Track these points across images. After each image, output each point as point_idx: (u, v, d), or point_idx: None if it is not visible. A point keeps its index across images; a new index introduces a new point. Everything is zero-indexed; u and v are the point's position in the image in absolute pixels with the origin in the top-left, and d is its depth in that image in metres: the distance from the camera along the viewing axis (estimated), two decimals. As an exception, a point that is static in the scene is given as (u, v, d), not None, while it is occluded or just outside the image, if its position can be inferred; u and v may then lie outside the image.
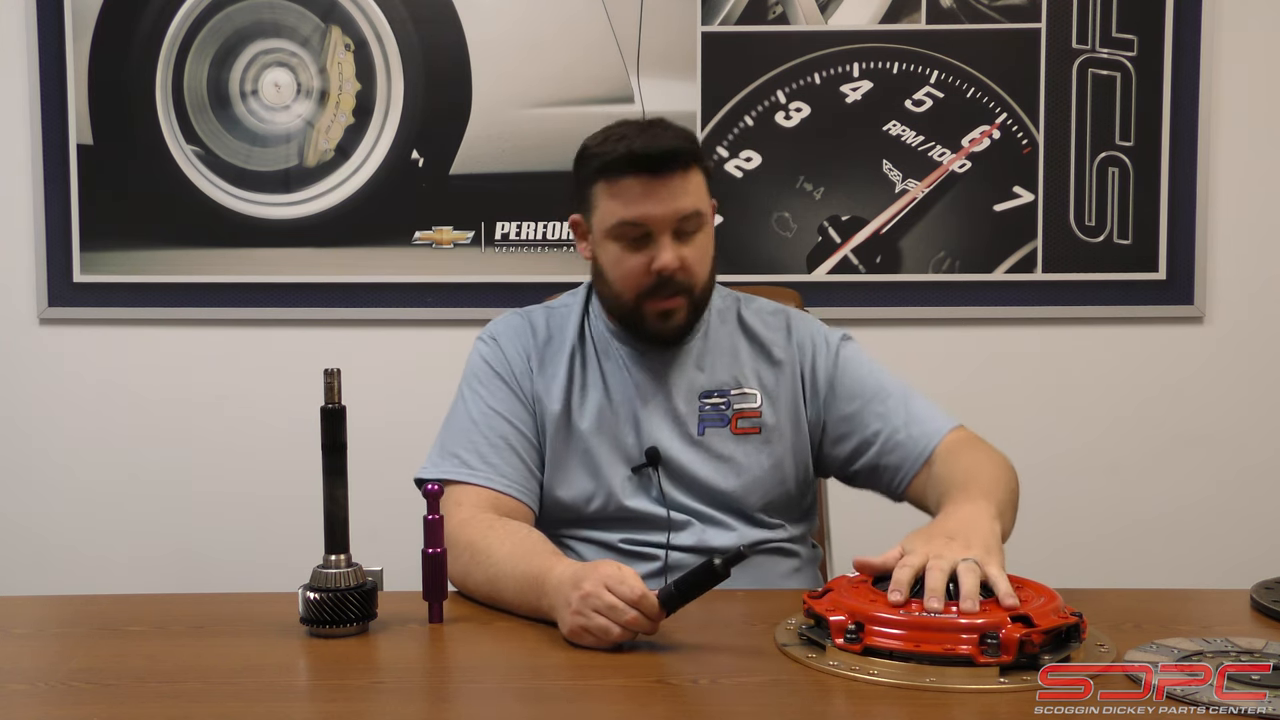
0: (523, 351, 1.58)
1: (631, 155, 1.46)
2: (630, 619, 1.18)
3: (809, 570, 1.63)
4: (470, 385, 1.57)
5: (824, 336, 1.62)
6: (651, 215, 1.47)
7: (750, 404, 1.57)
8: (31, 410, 2.51)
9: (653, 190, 1.46)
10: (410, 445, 2.18)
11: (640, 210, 1.47)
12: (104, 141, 2.45)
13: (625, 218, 1.48)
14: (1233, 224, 2.44)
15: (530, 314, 1.64)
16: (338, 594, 1.24)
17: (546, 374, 1.57)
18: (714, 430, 1.56)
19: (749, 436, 1.56)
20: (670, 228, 1.47)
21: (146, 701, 1.10)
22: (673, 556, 1.52)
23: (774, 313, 1.65)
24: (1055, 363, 2.48)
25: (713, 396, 1.57)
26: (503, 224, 2.44)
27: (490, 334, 1.61)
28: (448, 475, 1.49)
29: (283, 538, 2.33)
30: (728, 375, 1.58)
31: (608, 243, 1.51)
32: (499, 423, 1.53)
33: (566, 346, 1.58)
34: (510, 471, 1.50)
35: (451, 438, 1.54)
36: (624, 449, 1.55)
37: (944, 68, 2.41)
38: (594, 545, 1.54)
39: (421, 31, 2.42)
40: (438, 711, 1.13)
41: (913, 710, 1.05)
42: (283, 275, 2.46)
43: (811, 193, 2.43)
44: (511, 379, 1.56)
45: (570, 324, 1.61)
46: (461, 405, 1.56)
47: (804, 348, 1.60)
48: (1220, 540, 2.45)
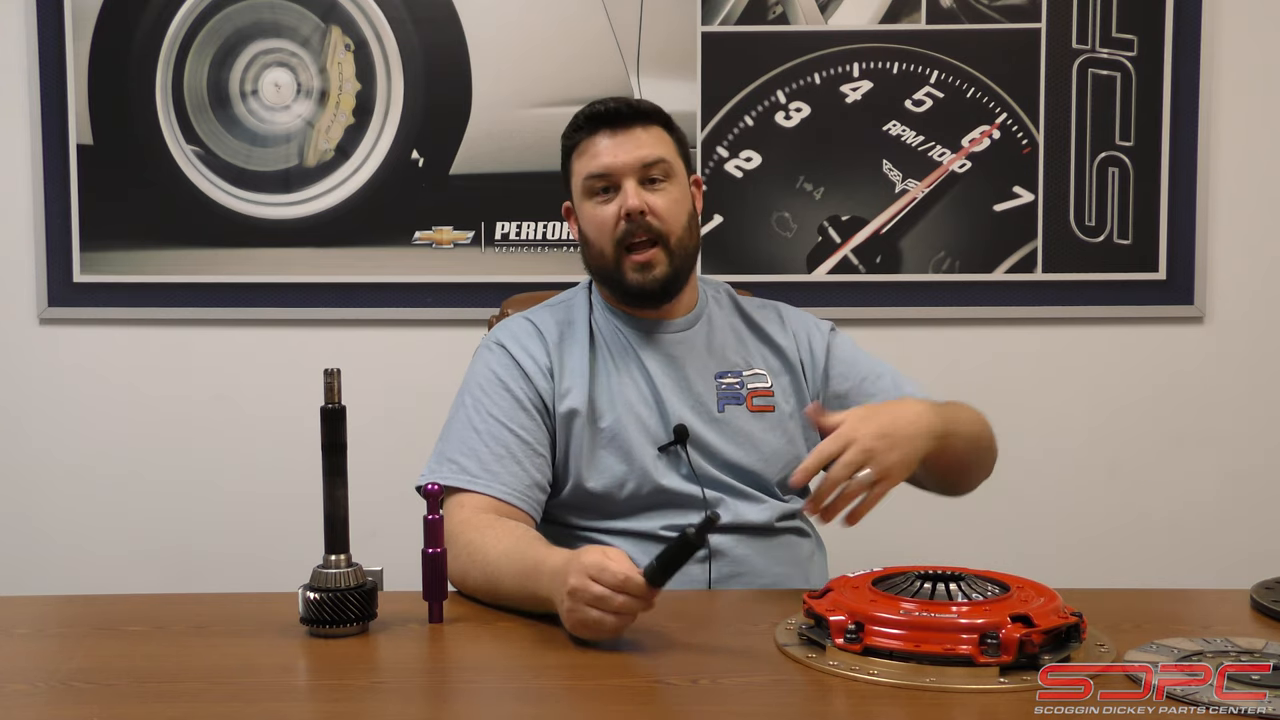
0: (538, 356, 1.58)
1: (591, 114, 1.57)
2: (619, 604, 1.17)
3: (821, 554, 1.65)
4: (472, 393, 1.57)
5: (815, 324, 1.70)
6: (613, 165, 1.55)
7: (762, 383, 1.62)
8: (31, 410, 2.51)
9: (614, 143, 1.55)
10: (410, 445, 2.18)
11: (602, 161, 1.55)
12: (104, 141, 2.45)
13: (590, 170, 1.56)
14: (1233, 224, 2.44)
15: (535, 317, 1.64)
16: (338, 594, 1.24)
17: (567, 373, 1.58)
18: (733, 408, 1.59)
19: (764, 414, 1.60)
20: (634, 175, 1.54)
21: (146, 701, 1.10)
22: (713, 540, 1.50)
23: (763, 305, 1.71)
24: (1055, 363, 2.48)
25: (727, 377, 1.61)
26: (503, 224, 2.44)
27: (497, 340, 1.61)
28: (448, 482, 1.49)
29: (283, 538, 2.33)
30: (738, 357, 1.63)
31: (584, 204, 1.59)
32: (501, 431, 1.52)
33: (580, 341, 1.60)
34: (511, 480, 1.50)
35: (451, 445, 1.53)
36: (650, 431, 1.56)
37: (944, 68, 2.41)
38: (633, 537, 1.53)
39: (421, 31, 2.42)
40: (438, 711, 1.13)
41: (913, 710, 1.05)
42: (283, 275, 2.46)
43: (811, 193, 2.43)
44: (519, 387, 1.55)
45: (578, 319, 1.63)
46: (463, 413, 1.56)
47: (799, 335, 1.67)
48: (1220, 540, 2.45)
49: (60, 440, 2.51)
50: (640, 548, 1.50)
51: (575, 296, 1.67)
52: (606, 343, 1.61)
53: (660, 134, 1.58)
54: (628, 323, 1.62)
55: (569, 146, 1.60)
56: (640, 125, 1.56)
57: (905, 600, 1.15)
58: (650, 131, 1.57)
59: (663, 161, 1.55)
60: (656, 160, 1.55)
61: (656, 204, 1.55)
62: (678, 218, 1.57)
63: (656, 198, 1.55)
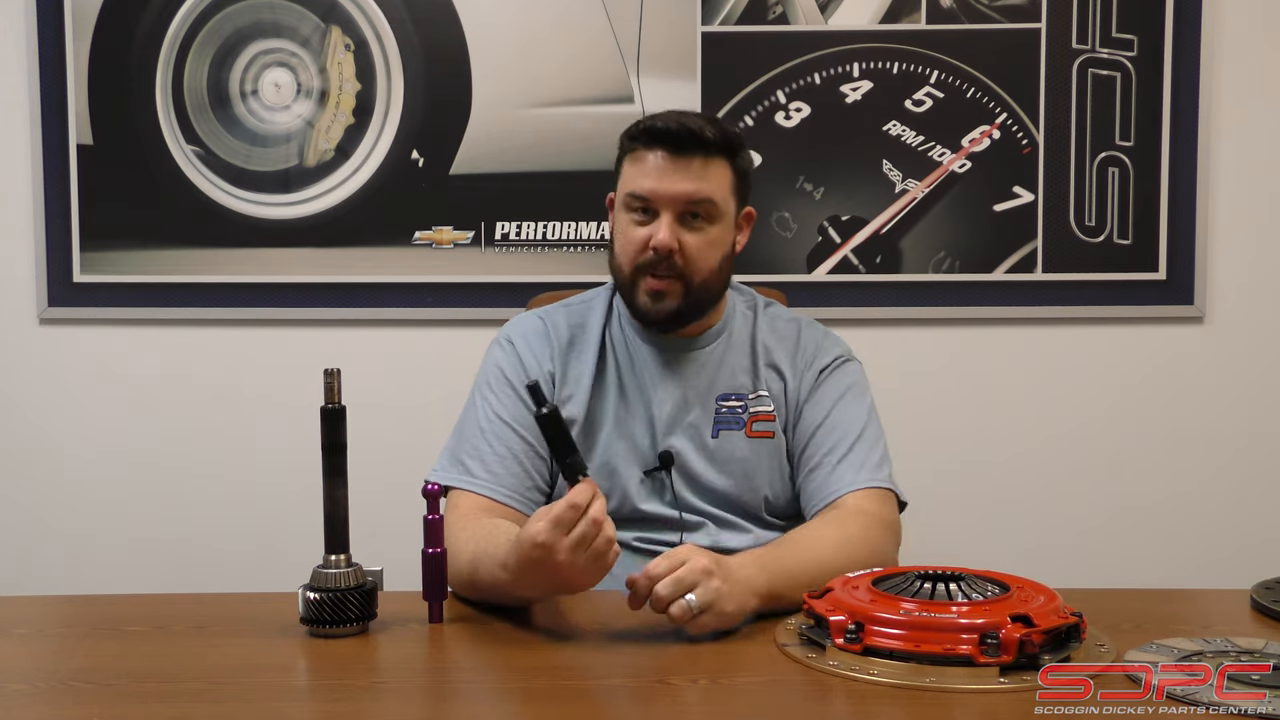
0: (543, 358, 1.57)
1: (653, 129, 1.48)
2: (585, 533, 1.17)
3: None
4: (482, 391, 1.57)
5: (823, 353, 1.60)
6: (658, 192, 1.47)
7: (765, 407, 1.57)
8: (31, 410, 2.51)
9: (668, 168, 1.47)
10: (410, 445, 2.18)
11: (648, 185, 1.48)
12: (104, 141, 2.45)
13: (634, 190, 1.49)
14: (1233, 224, 2.44)
15: (550, 316, 1.62)
16: (338, 594, 1.24)
17: (569, 380, 1.56)
18: (728, 433, 1.55)
19: (763, 440, 1.56)
20: (676, 209, 1.48)
21: (146, 701, 1.10)
22: None
23: (788, 321, 1.64)
24: (1055, 363, 2.48)
25: (730, 399, 1.57)
26: (503, 224, 2.44)
27: (507, 337, 1.60)
28: (451, 482, 1.50)
29: (283, 538, 2.33)
30: (746, 378, 1.58)
31: (620, 212, 1.53)
32: (505, 431, 1.52)
33: (590, 349, 1.58)
34: (511, 481, 1.50)
35: (460, 444, 1.54)
36: (639, 451, 1.54)
37: (944, 68, 2.41)
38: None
39: (421, 31, 2.42)
40: (438, 711, 1.13)
41: (913, 710, 1.05)
42: (283, 275, 2.46)
43: (811, 193, 2.43)
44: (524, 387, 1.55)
45: (592, 325, 1.60)
46: (472, 411, 1.56)
47: (798, 363, 1.60)
48: (1220, 540, 2.45)
49: (60, 440, 2.51)
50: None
51: (595, 299, 1.64)
52: (616, 356, 1.58)
53: (720, 168, 1.49)
54: (642, 335, 1.58)
55: (626, 147, 1.52)
56: (701, 155, 1.47)
57: (905, 600, 1.15)
58: (710, 164, 1.48)
59: (709, 203, 1.48)
60: (702, 200, 1.48)
61: (689, 244, 1.48)
62: (707, 261, 1.50)
63: (691, 237, 1.48)
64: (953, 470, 2.43)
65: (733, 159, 1.51)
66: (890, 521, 1.47)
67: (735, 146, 1.51)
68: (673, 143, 1.47)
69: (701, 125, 1.47)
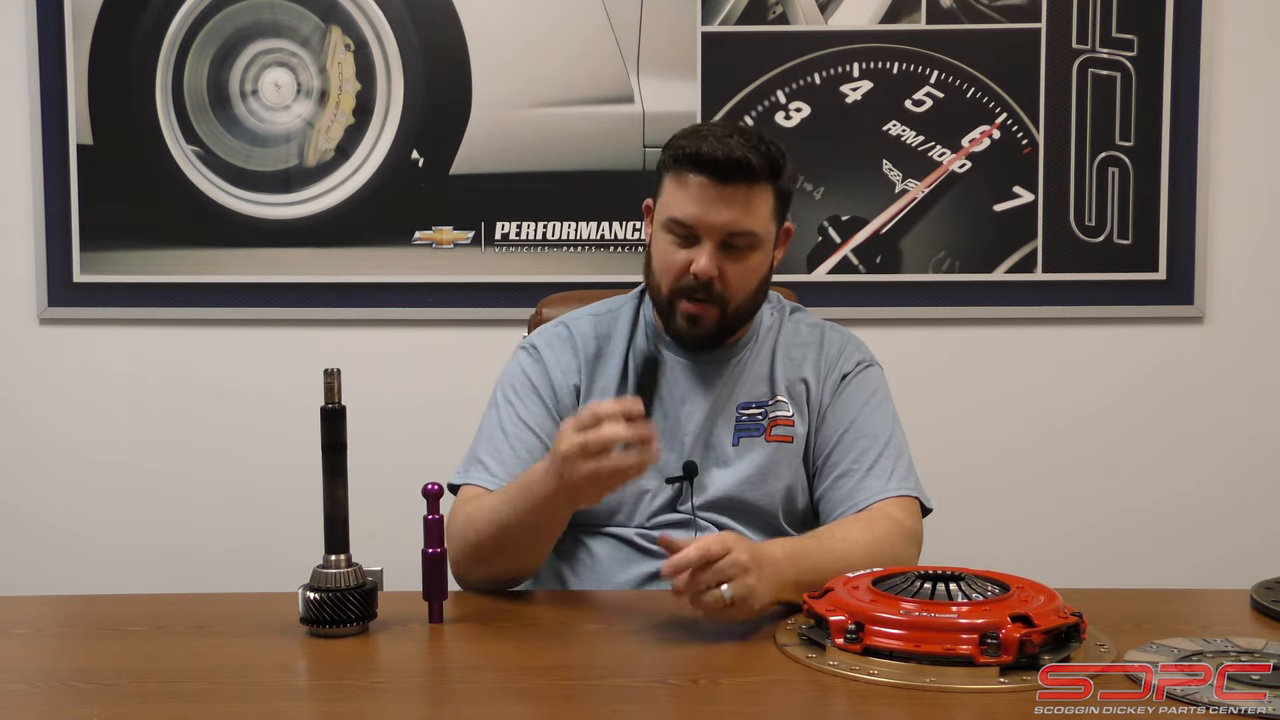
0: (569, 369, 1.57)
1: (699, 155, 1.45)
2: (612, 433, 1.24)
3: None
4: (505, 394, 1.57)
5: (846, 359, 1.60)
6: (702, 221, 1.46)
7: (784, 412, 1.56)
8: (31, 410, 2.51)
9: (712, 196, 1.45)
10: (411, 445, 2.19)
11: (693, 212, 1.46)
12: (104, 141, 2.45)
13: (677, 215, 1.47)
14: (1233, 224, 2.44)
15: (575, 324, 1.61)
16: (338, 594, 1.24)
17: (595, 392, 1.56)
18: (748, 440, 1.55)
19: (782, 445, 1.55)
20: (718, 238, 1.47)
21: (146, 701, 1.10)
22: None
23: (811, 327, 1.63)
24: (1055, 363, 2.48)
25: (751, 407, 1.56)
26: (502, 224, 2.44)
27: (532, 343, 1.61)
28: (469, 479, 1.51)
29: (283, 538, 2.33)
30: (767, 387, 1.58)
31: (661, 232, 1.51)
32: (528, 435, 1.53)
33: (616, 359, 1.57)
34: None
35: (481, 445, 1.54)
36: (659, 467, 1.52)
37: (944, 68, 2.41)
38: (613, 540, 1.53)
39: (421, 31, 2.42)
40: (438, 711, 1.13)
41: (913, 710, 1.05)
42: (283, 275, 2.46)
43: (811, 193, 2.43)
44: (548, 394, 1.55)
45: (619, 334, 1.59)
46: (494, 413, 1.56)
47: (821, 368, 1.59)
48: (1220, 540, 2.45)
49: (60, 440, 2.51)
50: (620, 550, 1.52)
51: (622, 309, 1.63)
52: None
53: (764, 196, 1.47)
54: (670, 347, 1.58)
55: (669, 160, 1.49)
56: (746, 185, 1.45)
57: (905, 600, 1.15)
58: (755, 193, 1.46)
59: (752, 234, 1.47)
60: (745, 232, 1.47)
61: (729, 272, 1.48)
62: (745, 288, 1.50)
63: (732, 266, 1.48)
64: (953, 470, 2.43)
65: (776, 182, 1.49)
66: (915, 533, 1.48)
67: (778, 166, 1.49)
68: (718, 172, 1.44)
69: (746, 153, 1.44)
